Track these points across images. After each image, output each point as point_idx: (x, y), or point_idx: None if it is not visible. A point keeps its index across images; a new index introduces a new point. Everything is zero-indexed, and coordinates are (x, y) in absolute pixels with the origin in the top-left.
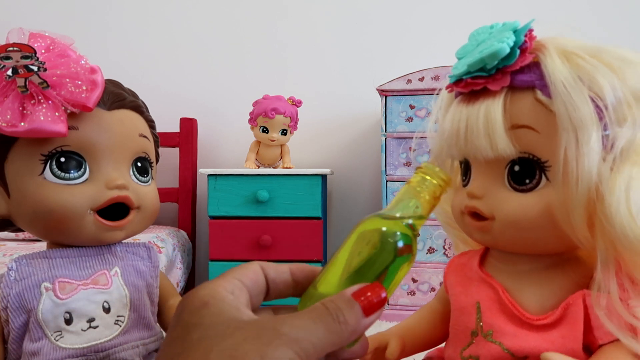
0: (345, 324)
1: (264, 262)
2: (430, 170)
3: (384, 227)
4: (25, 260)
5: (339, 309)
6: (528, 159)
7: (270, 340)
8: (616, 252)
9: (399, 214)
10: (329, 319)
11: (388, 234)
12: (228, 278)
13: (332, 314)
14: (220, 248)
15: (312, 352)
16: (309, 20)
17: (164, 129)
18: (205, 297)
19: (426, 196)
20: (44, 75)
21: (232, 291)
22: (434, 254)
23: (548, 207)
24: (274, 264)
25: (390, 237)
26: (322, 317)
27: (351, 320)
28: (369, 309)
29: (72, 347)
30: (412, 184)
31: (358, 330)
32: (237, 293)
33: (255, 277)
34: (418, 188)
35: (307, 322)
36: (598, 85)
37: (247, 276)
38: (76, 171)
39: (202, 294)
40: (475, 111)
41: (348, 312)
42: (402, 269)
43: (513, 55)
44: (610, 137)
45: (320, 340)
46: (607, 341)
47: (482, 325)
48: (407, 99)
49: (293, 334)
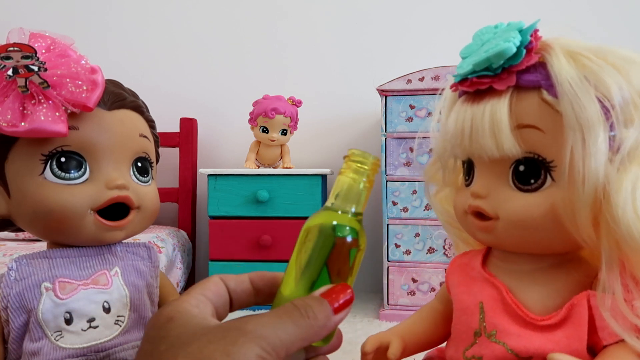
0: (314, 319)
1: (224, 275)
2: (360, 157)
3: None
4: (25, 260)
5: (307, 306)
6: (533, 158)
7: (236, 339)
8: (621, 253)
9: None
10: (296, 314)
11: (329, 226)
12: (192, 294)
13: (301, 310)
14: (220, 248)
15: (280, 347)
16: (308, 20)
17: (164, 129)
18: (171, 313)
19: (361, 184)
20: (44, 75)
21: (197, 305)
22: (434, 254)
23: (552, 207)
24: (234, 275)
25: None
26: (289, 313)
27: (320, 315)
28: (338, 307)
29: (72, 347)
30: (346, 173)
31: (328, 325)
32: (201, 307)
33: (217, 288)
34: (352, 176)
35: (272, 318)
36: (605, 85)
37: (209, 289)
38: (76, 171)
39: (167, 311)
40: (481, 110)
41: (317, 308)
42: (355, 257)
43: (519, 54)
44: (616, 137)
45: (288, 335)
46: (612, 342)
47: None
48: (407, 99)
49: (258, 331)
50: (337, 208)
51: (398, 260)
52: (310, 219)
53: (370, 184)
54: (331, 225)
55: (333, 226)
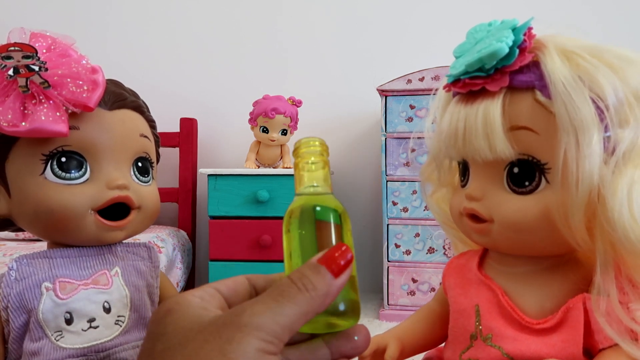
0: (313, 289)
1: (254, 275)
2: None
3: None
4: (25, 260)
5: (303, 277)
6: (527, 160)
7: (232, 335)
8: (616, 255)
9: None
10: (293, 290)
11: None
12: (203, 287)
13: (297, 284)
14: (220, 248)
15: (281, 332)
16: (309, 20)
17: (164, 129)
18: (170, 305)
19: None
20: (45, 75)
21: (201, 296)
22: (434, 254)
23: (547, 209)
24: (263, 275)
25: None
26: (286, 292)
27: (319, 284)
28: (337, 270)
29: (73, 347)
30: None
31: (330, 292)
32: (206, 298)
33: (235, 285)
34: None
35: (269, 303)
36: (599, 85)
37: (224, 284)
38: (77, 171)
39: (167, 303)
40: (474, 112)
41: (314, 277)
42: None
43: (512, 55)
44: (611, 139)
45: (288, 317)
46: (608, 345)
47: (481, 328)
48: (407, 99)
49: (255, 322)
50: (302, 192)
51: (398, 260)
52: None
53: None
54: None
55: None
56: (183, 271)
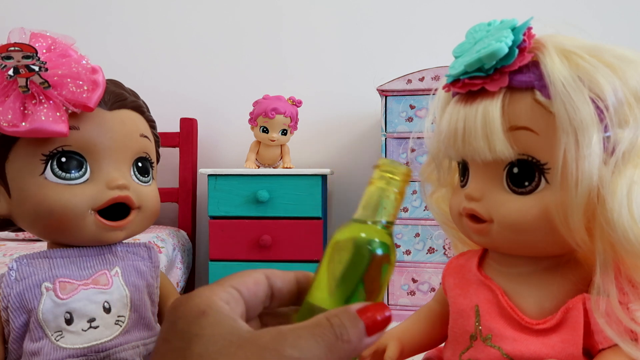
0: (348, 342)
1: (270, 271)
2: (390, 167)
3: (360, 233)
4: (25, 260)
5: (343, 326)
6: (527, 161)
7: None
8: (615, 255)
9: (370, 217)
10: (331, 336)
11: (364, 241)
12: (225, 286)
13: (336, 332)
14: (220, 248)
15: None
16: (309, 20)
17: (164, 129)
18: (202, 306)
19: (391, 194)
20: (45, 75)
21: (228, 301)
22: (434, 254)
23: (547, 209)
24: (280, 272)
25: (366, 243)
26: (325, 334)
27: (354, 338)
28: (373, 328)
29: (73, 347)
30: (376, 183)
31: (359, 349)
32: (232, 305)
33: (256, 288)
34: (381, 185)
35: (309, 341)
36: (598, 85)
37: (246, 286)
38: (77, 171)
39: (197, 302)
40: (473, 112)
41: (352, 329)
42: (388, 271)
43: (511, 54)
44: (611, 139)
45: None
46: (607, 345)
47: (481, 329)
48: (407, 99)
49: (295, 355)
50: (367, 219)
51: (398, 260)
52: (341, 230)
53: (401, 195)
54: (366, 240)
55: (368, 241)
56: (183, 271)
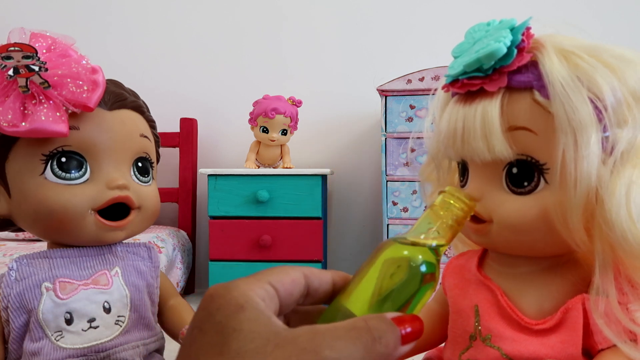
0: (386, 346)
1: (309, 270)
2: (453, 195)
3: (416, 255)
4: (25, 260)
5: (381, 330)
6: (526, 161)
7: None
8: (615, 256)
9: (424, 239)
10: (368, 339)
11: (417, 262)
12: (262, 282)
13: (374, 335)
14: (220, 248)
15: None
16: (309, 20)
17: (164, 129)
18: (240, 300)
19: (449, 221)
20: (45, 75)
21: (264, 298)
22: None
23: (546, 210)
24: (318, 272)
25: (419, 265)
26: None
27: (390, 344)
28: (406, 338)
29: (73, 347)
30: (436, 208)
31: (393, 356)
32: (267, 302)
33: (292, 287)
34: (441, 212)
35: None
36: (597, 85)
37: (282, 284)
38: (77, 171)
39: (236, 295)
40: (472, 112)
41: (390, 335)
42: (427, 294)
43: (510, 55)
44: (610, 139)
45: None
46: (607, 346)
47: (480, 329)
48: (407, 99)
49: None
50: (425, 243)
51: None
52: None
53: (459, 226)
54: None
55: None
56: (183, 271)
